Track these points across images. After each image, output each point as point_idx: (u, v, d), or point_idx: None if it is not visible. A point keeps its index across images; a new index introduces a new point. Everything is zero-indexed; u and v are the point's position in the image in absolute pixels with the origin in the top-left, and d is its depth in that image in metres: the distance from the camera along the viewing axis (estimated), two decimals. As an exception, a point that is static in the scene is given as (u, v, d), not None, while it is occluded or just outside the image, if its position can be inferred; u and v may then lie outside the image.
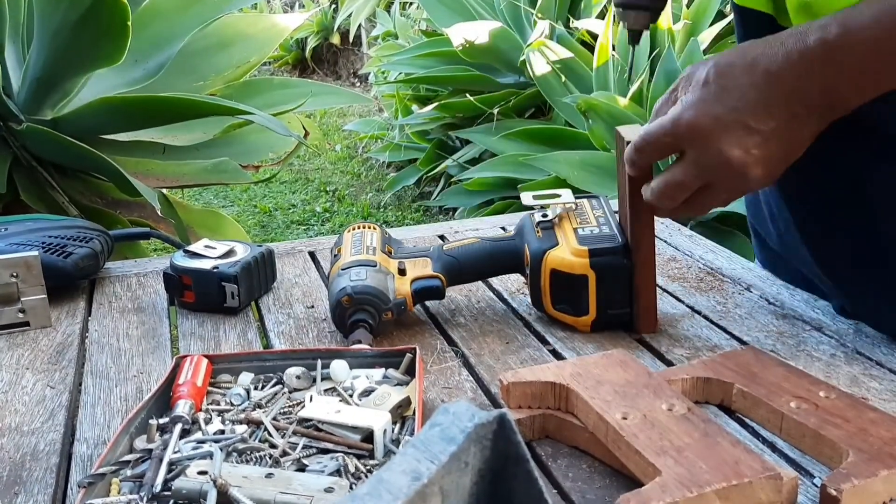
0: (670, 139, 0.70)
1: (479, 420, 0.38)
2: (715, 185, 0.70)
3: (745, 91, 0.66)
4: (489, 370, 0.76)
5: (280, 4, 6.70)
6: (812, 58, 0.64)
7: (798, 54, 0.64)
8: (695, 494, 0.52)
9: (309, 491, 0.55)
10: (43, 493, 0.60)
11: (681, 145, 0.70)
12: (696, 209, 0.74)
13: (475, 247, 0.86)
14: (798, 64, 0.64)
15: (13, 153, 1.83)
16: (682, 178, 0.71)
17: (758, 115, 0.66)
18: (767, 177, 0.68)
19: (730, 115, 0.66)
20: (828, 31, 0.63)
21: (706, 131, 0.67)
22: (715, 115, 0.67)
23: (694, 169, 0.70)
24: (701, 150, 0.68)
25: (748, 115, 0.66)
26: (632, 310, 0.81)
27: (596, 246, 0.79)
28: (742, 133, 0.66)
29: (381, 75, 4.42)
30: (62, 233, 0.96)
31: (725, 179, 0.69)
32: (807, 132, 0.67)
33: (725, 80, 0.67)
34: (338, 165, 4.52)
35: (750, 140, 0.66)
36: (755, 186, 0.69)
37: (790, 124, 0.66)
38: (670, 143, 0.71)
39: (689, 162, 0.70)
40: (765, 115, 0.66)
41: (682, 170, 0.70)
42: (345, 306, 0.79)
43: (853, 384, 0.71)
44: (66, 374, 0.78)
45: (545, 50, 2.93)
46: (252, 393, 0.69)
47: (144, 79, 1.93)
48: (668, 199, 0.73)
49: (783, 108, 0.65)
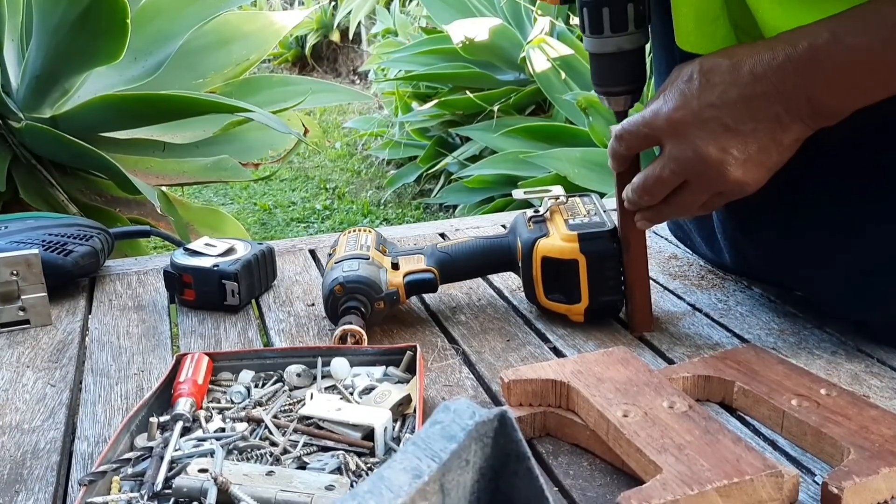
0: (648, 130, 0.71)
1: (479, 418, 0.38)
2: (693, 183, 0.70)
3: (726, 89, 0.66)
4: (490, 368, 0.76)
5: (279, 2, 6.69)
6: (798, 61, 0.63)
7: (784, 56, 0.64)
8: (696, 492, 0.52)
9: (309, 489, 0.55)
10: (44, 491, 0.60)
11: (659, 137, 0.70)
12: (677, 209, 0.74)
13: (468, 244, 0.87)
14: (783, 66, 0.64)
15: (12, 151, 1.83)
16: (658, 172, 0.71)
17: (737, 114, 0.65)
18: (748, 181, 0.68)
19: (708, 112, 0.66)
20: (818, 36, 0.63)
21: (683, 125, 0.68)
22: (693, 109, 0.67)
23: (671, 163, 0.70)
24: (677, 143, 0.69)
25: (727, 113, 0.66)
26: (625, 299, 0.82)
27: (585, 231, 0.80)
28: (719, 130, 0.66)
29: (381, 73, 4.41)
30: (62, 231, 0.96)
31: (703, 177, 0.69)
32: (788, 137, 0.66)
33: (709, 76, 0.67)
34: (338, 163, 4.51)
35: (727, 138, 0.66)
36: (735, 188, 0.69)
37: (771, 127, 0.65)
38: (648, 135, 0.71)
39: (666, 156, 0.70)
40: (744, 115, 0.65)
41: (659, 164, 0.71)
42: (337, 295, 0.80)
43: (854, 382, 0.71)
44: (67, 373, 0.78)
45: (545, 47, 2.93)
46: (253, 391, 0.69)
47: (144, 76, 1.93)
48: (647, 195, 0.73)
49: (764, 110, 0.65)
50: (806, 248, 0.79)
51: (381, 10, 5.09)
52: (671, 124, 0.68)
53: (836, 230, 0.76)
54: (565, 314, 0.83)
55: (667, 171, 0.70)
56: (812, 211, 0.77)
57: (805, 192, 0.77)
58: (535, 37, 2.99)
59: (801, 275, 0.83)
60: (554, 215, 0.84)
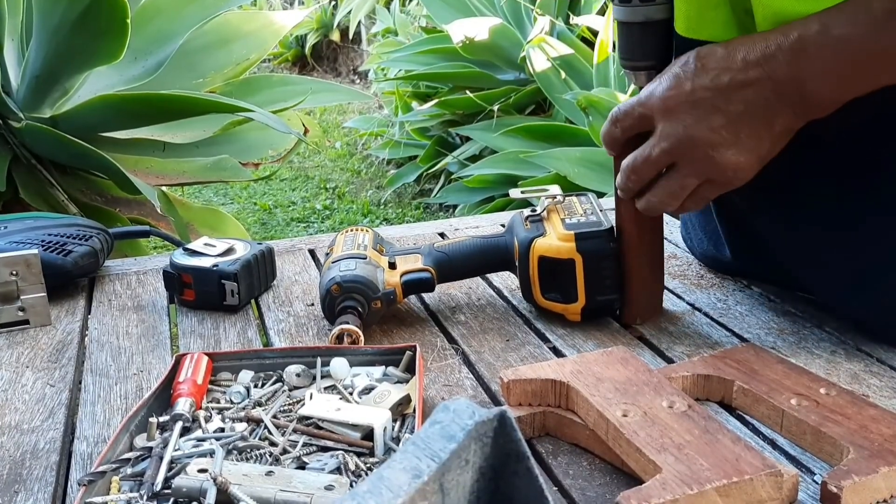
0: (642, 109, 0.72)
1: (479, 418, 0.38)
2: (681, 165, 0.71)
3: (720, 73, 0.67)
4: (489, 368, 0.76)
5: (279, 1, 6.69)
6: (788, 51, 0.65)
7: (776, 46, 0.65)
8: (695, 491, 0.52)
9: (309, 489, 0.55)
10: (43, 491, 0.60)
11: (652, 117, 0.72)
12: (666, 194, 0.73)
13: (465, 243, 0.87)
14: (774, 55, 0.65)
15: (12, 151, 1.83)
16: (648, 152, 0.72)
17: (727, 97, 0.67)
18: (738, 166, 0.69)
19: (701, 93, 0.68)
20: (808, 27, 0.64)
21: (676, 104, 0.69)
22: (686, 90, 0.69)
23: (661, 142, 0.71)
24: (669, 122, 0.70)
25: (718, 95, 0.67)
26: (621, 297, 0.82)
27: (581, 230, 0.80)
28: (710, 111, 0.68)
29: (381, 72, 4.41)
30: (62, 231, 0.96)
31: (691, 158, 0.70)
32: (779, 125, 0.67)
33: (704, 61, 0.68)
34: (338, 163, 4.51)
35: (718, 120, 0.68)
36: (725, 174, 0.70)
37: (761, 113, 0.67)
38: (643, 114, 0.72)
39: (657, 135, 0.71)
40: (734, 98, 0.67)
41: (650, 144, 0.72)
42: (334, 295, 0.80)
43: (854, 381, 0.71)
44: (66, 373, 0.78)
45: (545, 46, 2.93)
46: (252, 391, 0.69)
47: (144, 76, 1.93)
48: (634, 175, 0.74)
49: (755, 96, 0.67)
50: (804, 245, 0.79)
51: (381, 10, 5.09)
52: (664, 103, 0.70)
53: (834, 226, 0.76)
54: (562, 313, 0.83)
55: (656, 151, 0.71)
56: (810, 206, 0.77)
57: (802, 188, 0.77)
58: (535, 36, 3.00)
59: (800, 273, 0.83)
60: (551, 215, 0.84)
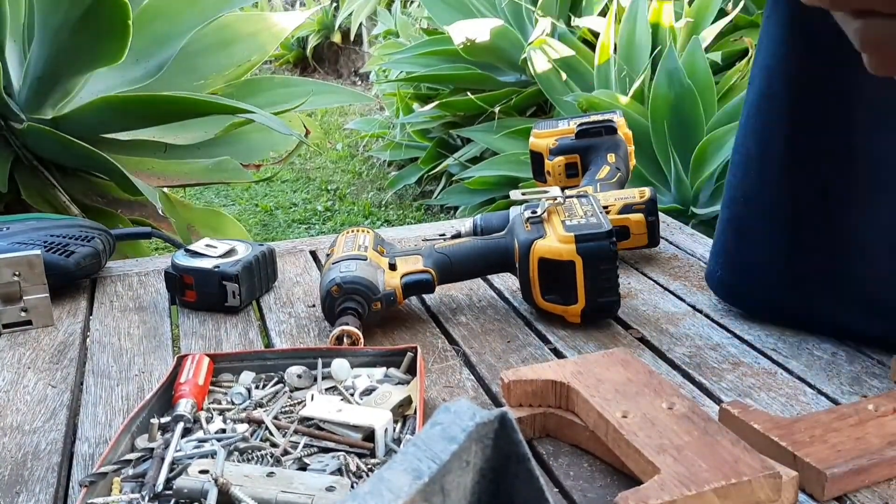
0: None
1: (480, 419, 0.38)
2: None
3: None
4: (490, 369, 0.76)
5: (281, 3, 6.69)
6: None
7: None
8: (693, 493, 0.52)
9: (310, 490, 0.55)
10: (44, 492, 0.61)
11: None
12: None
13: (466, 245, 0.87)
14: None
15: (14, 152, 1.83)
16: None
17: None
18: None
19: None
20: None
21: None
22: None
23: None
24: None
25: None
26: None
27: (582, 232, 0.80)
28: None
29: (382, 74, 4.41)
30: (64, 232, 0.96)
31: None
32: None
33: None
34: (339, 164, 4.51)
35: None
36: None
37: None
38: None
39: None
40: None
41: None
42: (334, 296, 0.80)
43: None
44: (68, 374, 0.78)
45: (546, 48, 2.93)
46: (253, 392, 0.69)
47: (145, 78, 1.93)
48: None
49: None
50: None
51: (383, 12, 5.09)
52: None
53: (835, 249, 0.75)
54: (562, 315, 0.83)
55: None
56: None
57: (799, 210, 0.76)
58: (536, 38, 3.00)
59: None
60: (551, 216, 0.84)
